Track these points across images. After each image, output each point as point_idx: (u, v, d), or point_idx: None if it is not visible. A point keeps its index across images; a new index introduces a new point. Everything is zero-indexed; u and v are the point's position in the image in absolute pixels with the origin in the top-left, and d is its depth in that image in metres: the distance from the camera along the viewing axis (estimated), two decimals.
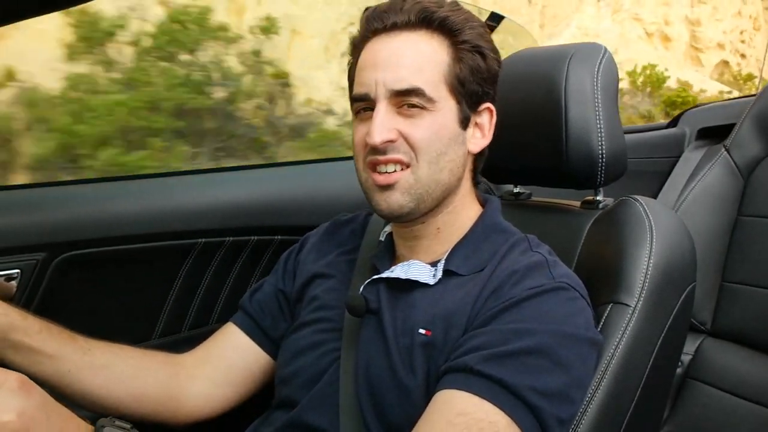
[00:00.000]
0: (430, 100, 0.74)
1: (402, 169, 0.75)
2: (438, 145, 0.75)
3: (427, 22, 0.76)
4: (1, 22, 0.72)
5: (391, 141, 0.74)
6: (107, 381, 0.80)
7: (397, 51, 0.75)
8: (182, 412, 0.86)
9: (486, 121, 0.81)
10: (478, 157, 0.83)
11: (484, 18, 1.49)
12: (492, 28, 1.54)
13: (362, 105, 0.77)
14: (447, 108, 0.76)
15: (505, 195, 1.10)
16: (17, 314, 0.75)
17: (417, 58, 0.75)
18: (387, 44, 0.76)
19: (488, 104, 0.80)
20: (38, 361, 0.75)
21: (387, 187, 0.75)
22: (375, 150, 0.74)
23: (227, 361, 0.89)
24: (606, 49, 0.94)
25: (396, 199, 0.75)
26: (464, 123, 0.78)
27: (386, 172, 0.75)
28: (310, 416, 0.78)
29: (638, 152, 1.87)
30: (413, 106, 0.74)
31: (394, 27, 0.76)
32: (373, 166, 0.76)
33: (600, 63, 0.91)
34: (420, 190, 0.75)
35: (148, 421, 0.83)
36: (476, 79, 0.77)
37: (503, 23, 1.59)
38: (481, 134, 0.81)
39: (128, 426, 0.60)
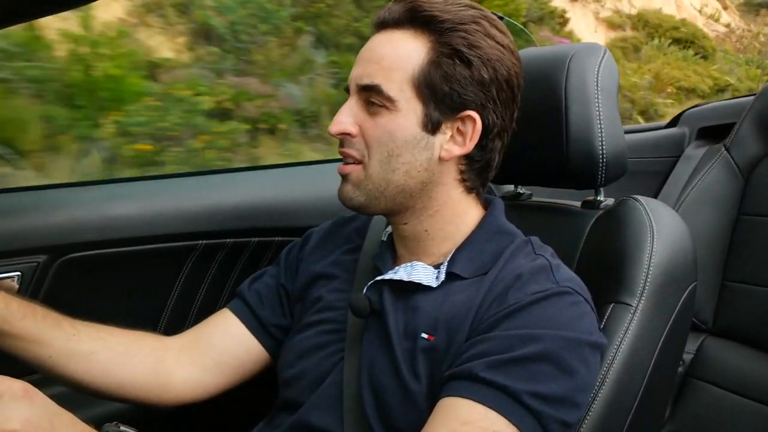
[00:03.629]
0: (390, 99, 0.73)
1: (356, 163, 0.76)
2: (391, 146, 0.74)
3: (412, 20, 0.74)
4: (3, 23, 0.72)
5: (349, 135, 0.75)
6: (91, 368, 0.79)
7: (373, 48, 0.76)
8: (168, 397, 0.85)
9: (469, 129, 0.75)
10: (470, 165, 0.78)
11: None
12: None
13: (348, 97, 0.79)
14: (409, 109, 0.73)
15: (506, 195, 1.10)
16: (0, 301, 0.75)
17: (388, 55, 0.74)
18: (371, 41, 0.77)
19: (470, 112, 0.74)
20: (21, 347, 0.76)
21: (343, 177, 0.78)
22: (340, 141, 0.77)
23: (219, 348, 0.87)
24: (606, 50, 0.94)
25: (347, 190, 0.77)
26: (432, 127, 0.74)
27: (346, 163, 0.77)
28: (315, 417, 0.77)
29: (638, 152, 1.88)
30: (374, 103, 0.74)
31: (385, 24, 0.76)
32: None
33: (600, 63, 0.91)
34: (370, 186, 0.76)
35: (132, 403, 0.84)
36: (452, 85, 0.73)
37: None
38: (462, 141, 0.75)
39: (133, 430, 0.60)
